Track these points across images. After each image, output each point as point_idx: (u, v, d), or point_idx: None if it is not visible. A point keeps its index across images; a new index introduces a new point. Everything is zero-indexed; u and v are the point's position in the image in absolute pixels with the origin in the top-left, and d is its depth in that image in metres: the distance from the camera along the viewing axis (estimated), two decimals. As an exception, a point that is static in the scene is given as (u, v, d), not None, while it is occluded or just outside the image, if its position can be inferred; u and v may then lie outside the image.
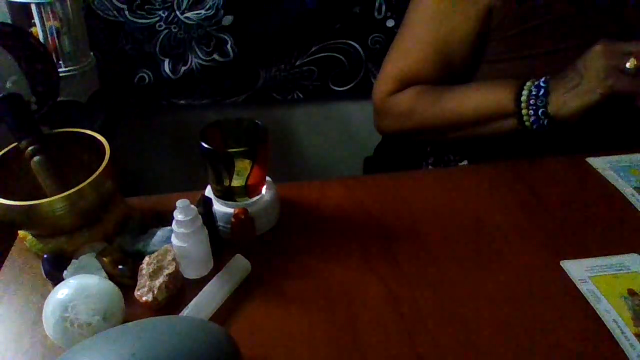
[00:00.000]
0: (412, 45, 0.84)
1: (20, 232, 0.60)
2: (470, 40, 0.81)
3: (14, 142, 0.60)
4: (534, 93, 0.71)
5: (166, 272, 0.53)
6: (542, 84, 0.71)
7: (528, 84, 0.72)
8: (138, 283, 0.53)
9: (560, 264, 0.56)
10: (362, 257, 0.58)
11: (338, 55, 1.24)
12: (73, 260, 0.55)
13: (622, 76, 0.65)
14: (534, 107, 0.71)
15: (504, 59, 0.80)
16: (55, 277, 0.54)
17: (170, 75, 1.23)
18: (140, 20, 1.17)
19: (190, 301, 0.51)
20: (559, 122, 0.70)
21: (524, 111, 0.72)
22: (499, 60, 0.81)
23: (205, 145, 0.55)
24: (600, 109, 0.68)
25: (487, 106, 0.76)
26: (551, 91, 0.70)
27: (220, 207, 0.60)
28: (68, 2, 0.96)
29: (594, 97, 0.67)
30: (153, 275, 0.53)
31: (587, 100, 0.67)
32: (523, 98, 0.72)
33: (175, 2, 1.15)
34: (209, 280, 0.54)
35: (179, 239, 0.53)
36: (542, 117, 0.71)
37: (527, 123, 0.73)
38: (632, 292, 0.52)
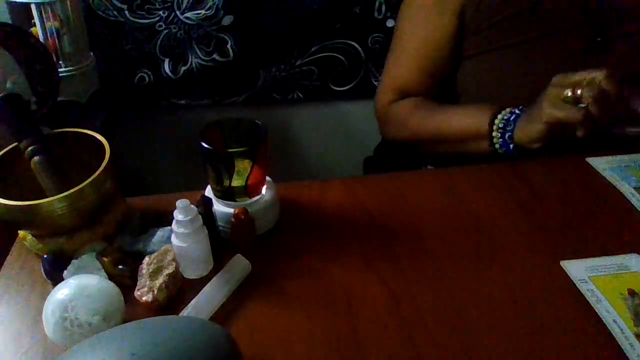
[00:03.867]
0: (401, 54, 0.88)
1: (20, 232, 0.60)
2: (449, 39, 0.84)
3: (14, 142, 0.60)
4: (506, 117, 0.73)
5: (166, 272, 0.53)
6: (516, 111, 0.73)
7: (507, 109, 0.74)
8: (138, 283, 0.53)
9: (560, 264, 0.56)
10: (362, 257, 0.58)
11: (338, 55, 1.24)
12: (73, 261, 0.55)
13: (560, 105, 0.65)
14: (502, 131, 0.73)
15: (481, 52, 0.83)
16: (55, 277, 0.54)
17: (170, 75, 1.23)
18: (140, 20, 1.17)
19: (190, 301, 0.51)
20: (523, 148, 0.72)
21: (494, 134, 0.74)
22: (475, 54, 0.83)
23: (205, 145, 0.55)
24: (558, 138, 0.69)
25: (467, 126, 0.78)
26: (520, 118, 0.72)
27: (220, 207, 0.60)
28: (68, 2, 0.96)
29: (538, 126, 0.68)
30: (153, 275, 0.53)
31: (535, 128, 0.68)
32: (496, 121, 0.74)
33: (175, 2, 1.15)
34: (209, 280, 0.54)
35: (179, 239, 0.53)
36: (509, 141, 0.73)
37: (496, 146, 0.75)
38: (632, 292, 0.52)
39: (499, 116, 0.74)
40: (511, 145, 0.73)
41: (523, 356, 0.47)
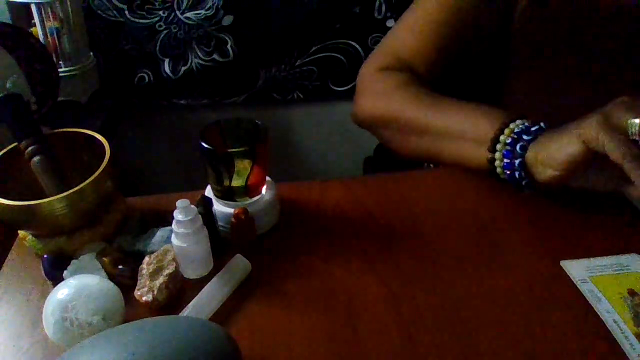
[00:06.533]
0: (422, 21, 0.75)
1: (20, 232, 0.60)
2: (488, 33, 0.74)
3: (14, 142, 0.60)
4: (526, 125, 0.59)
5: (166, 272, 0.53)
6: (542, 124, 0.58)
7: (522, 120, 0.60)
8: (138, 283, 0.53)
9: (560, 264, 0.56)
10: (362, 257, 0.58)
11: (338, 55, 1.24)
12: (73, 261, 0.55)
13: (616, 136, 0.50)
14: (513, 140, 0.58)
15: (532, 66, 0.74)
16: (55, 277, 0.54)
17: (170, 75, 1.23)
18: (140, 20, 1.17)
19: (190, 301, 0.51)
20: (532, 176, 0.59)
21: (499, 146, 0.60)
22: (526, 68, 0.75)
23: (205, 145, 0.55)
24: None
25: (464, 124, 0.65)
26: (546, 132, 0.58)
27: (220, 207, 0.60)
28: (68, 2, 0.96)
29: (572, 146, 0.53)
30: (153, 275, 0.53)
31: (567, 149, 0.53)
32: (512, 125, 0.59)
33: (175, 2, 1.15)
34: (209, 280, 0.54)
35: (179, 239, 0.53)
36: (519, 153, 0.58)
37: (497, 162, 0.61)
38: (632, 292, 0.52)
39: (517, 121, 0.59)
40: (517, 162, 0.58)
41: (523, 356, 0.47)
